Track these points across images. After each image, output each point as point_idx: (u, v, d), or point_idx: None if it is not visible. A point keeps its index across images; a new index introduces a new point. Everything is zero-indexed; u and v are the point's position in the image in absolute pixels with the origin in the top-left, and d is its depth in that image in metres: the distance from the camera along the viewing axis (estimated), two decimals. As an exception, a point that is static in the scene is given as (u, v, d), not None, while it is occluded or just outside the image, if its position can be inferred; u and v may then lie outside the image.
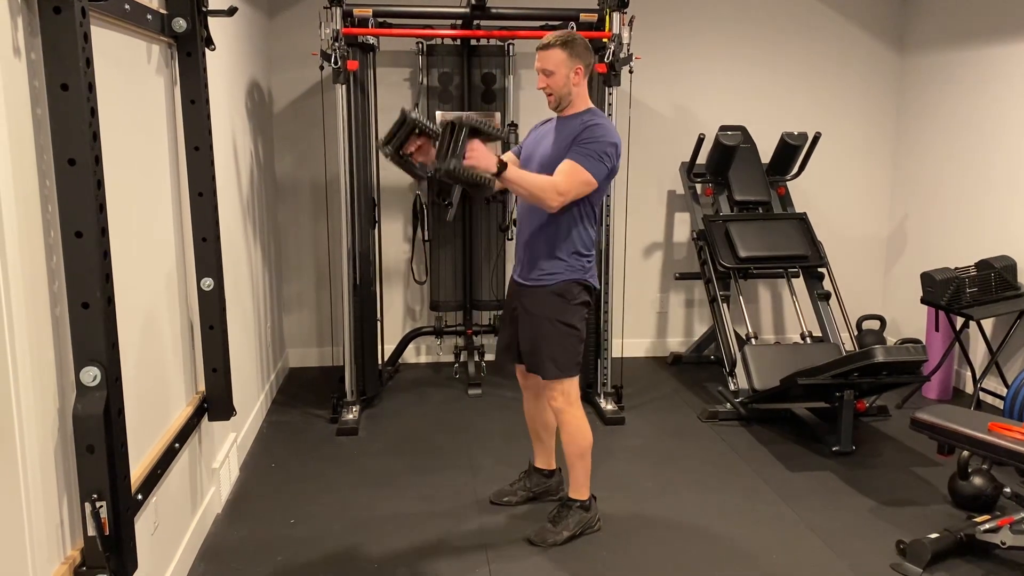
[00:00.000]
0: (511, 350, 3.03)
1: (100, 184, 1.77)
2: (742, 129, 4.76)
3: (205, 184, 2.69)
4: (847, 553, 2.90)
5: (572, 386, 2.89)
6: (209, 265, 2.74)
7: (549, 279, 2.83)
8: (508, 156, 2.95)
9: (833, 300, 4.55)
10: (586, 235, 2.83)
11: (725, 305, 4.47)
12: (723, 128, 4.69)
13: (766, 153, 4.85)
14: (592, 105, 2.86)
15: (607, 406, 4.20)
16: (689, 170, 4.84)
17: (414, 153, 2.59)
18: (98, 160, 1.76)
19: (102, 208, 1.78)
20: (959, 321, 4.25)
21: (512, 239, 4.82)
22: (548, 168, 2.74)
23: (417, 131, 2.56)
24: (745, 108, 5.07)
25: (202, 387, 2.88)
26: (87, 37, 1.72)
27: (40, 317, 1.74)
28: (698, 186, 4.89)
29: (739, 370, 4.17)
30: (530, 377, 3.09)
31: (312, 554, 2.87)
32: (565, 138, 2.75)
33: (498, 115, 4.60)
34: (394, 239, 4.93)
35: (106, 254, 1.80)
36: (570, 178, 2.66)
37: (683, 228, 5.23)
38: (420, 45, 4.62)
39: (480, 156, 2.52)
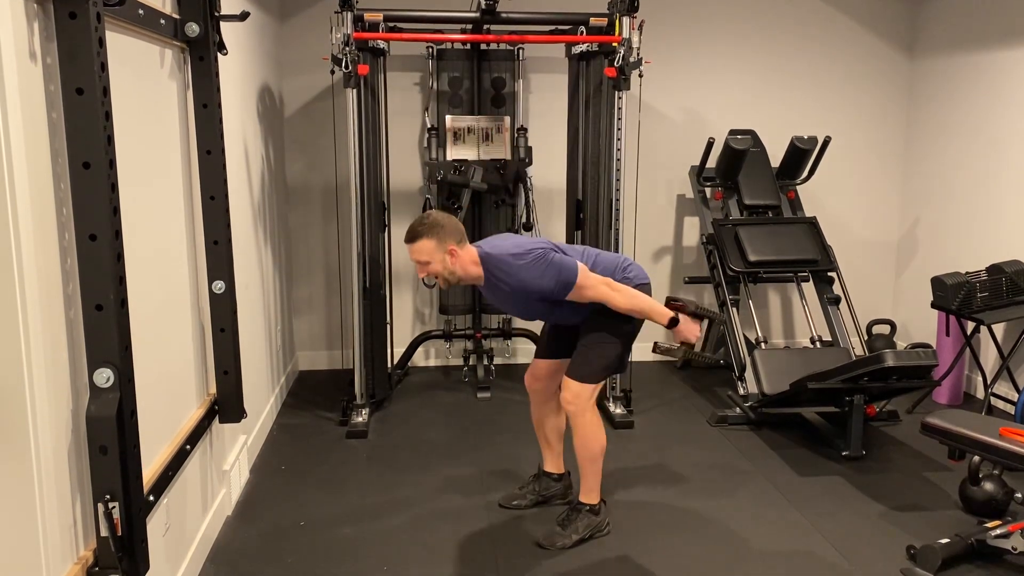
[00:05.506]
0: (543, 346, 3.11)
1: (114, 187, 1.78)
2: (752, 133, 4.75)
3: (217, 188, 2.71)
4: (857, 558, 2.89)
5: (586, 390, 2.90)
6: (221, 268, 2.76)
7: None
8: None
9: (843, 304, 4.53)
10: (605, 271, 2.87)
11: (735, 309, 4.46)
12: (733, 132, 4.68)
13: (776, 157, 4.84)
14: (478, 255, 2.79)
15: (616, 410, 4.20)
16: (699, 174, 4.83)
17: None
18: (112, 163, 1.77)
19: (116, 211, 1.79)
20: (970, 326, 4.23)
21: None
22: (541, 300, 2.81)
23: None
24: (755, 112, 5.06)
25: (213, 389, 2.90)
26: (102, 42, 1.74)
27: (54, 319, 1.76)
28: (708, 190, 4.88)
29: (749, 374, 4.17)
30: (538, 382, 3.11)
31: (322, 556, 2.88)
32: (510, 286, 2.76)
33: (507, 119, 4.60)
34: (404, 243, 4.93)
35: (120, 256, 1.81)
36: (593, 286, 2.76)
37: (693, 232, 5.22)
38: (430, 49, 4.63)
39: (689, 332, 2.89)
